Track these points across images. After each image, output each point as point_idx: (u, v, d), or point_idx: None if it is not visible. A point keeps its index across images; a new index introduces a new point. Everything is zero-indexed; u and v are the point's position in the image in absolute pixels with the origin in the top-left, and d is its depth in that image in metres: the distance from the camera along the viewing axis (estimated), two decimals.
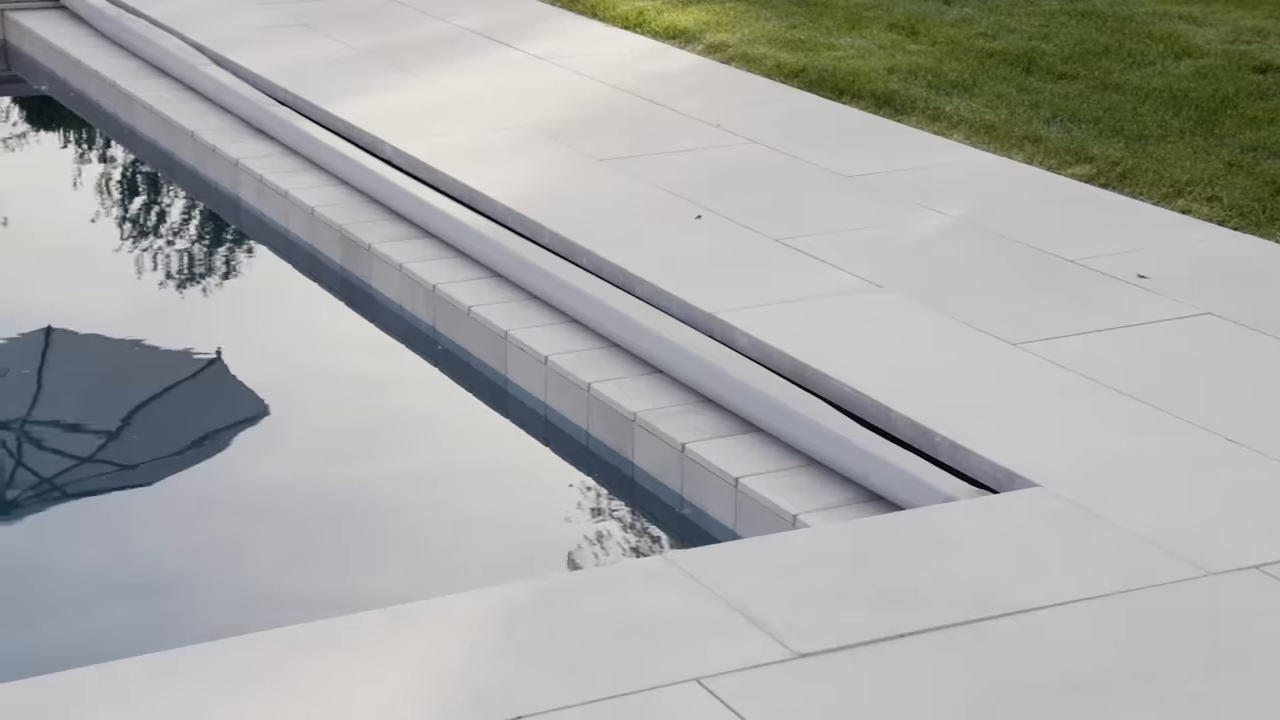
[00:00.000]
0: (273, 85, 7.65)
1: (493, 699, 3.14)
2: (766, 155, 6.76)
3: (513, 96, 7.56)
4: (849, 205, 6.16)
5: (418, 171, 6.55)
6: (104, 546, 4.67)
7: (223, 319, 6.38)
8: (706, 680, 3.20)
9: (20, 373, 5.73)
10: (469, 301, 5.52)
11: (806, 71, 8.02)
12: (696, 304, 5.15)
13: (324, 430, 5.37)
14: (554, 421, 5.10)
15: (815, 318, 5.07)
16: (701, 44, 8.66)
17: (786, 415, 4.53)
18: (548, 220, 5.88)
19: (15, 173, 8.14)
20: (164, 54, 8.24)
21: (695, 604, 3.48)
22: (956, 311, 5.11)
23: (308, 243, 6.51)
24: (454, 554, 4.61)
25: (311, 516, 4.80)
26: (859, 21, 9.13)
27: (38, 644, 4.11)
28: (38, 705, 3.07)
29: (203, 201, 7.47)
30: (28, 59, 9.30)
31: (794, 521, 4.21)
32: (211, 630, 4.10)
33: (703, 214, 6.00)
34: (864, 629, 3.40)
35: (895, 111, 7.47)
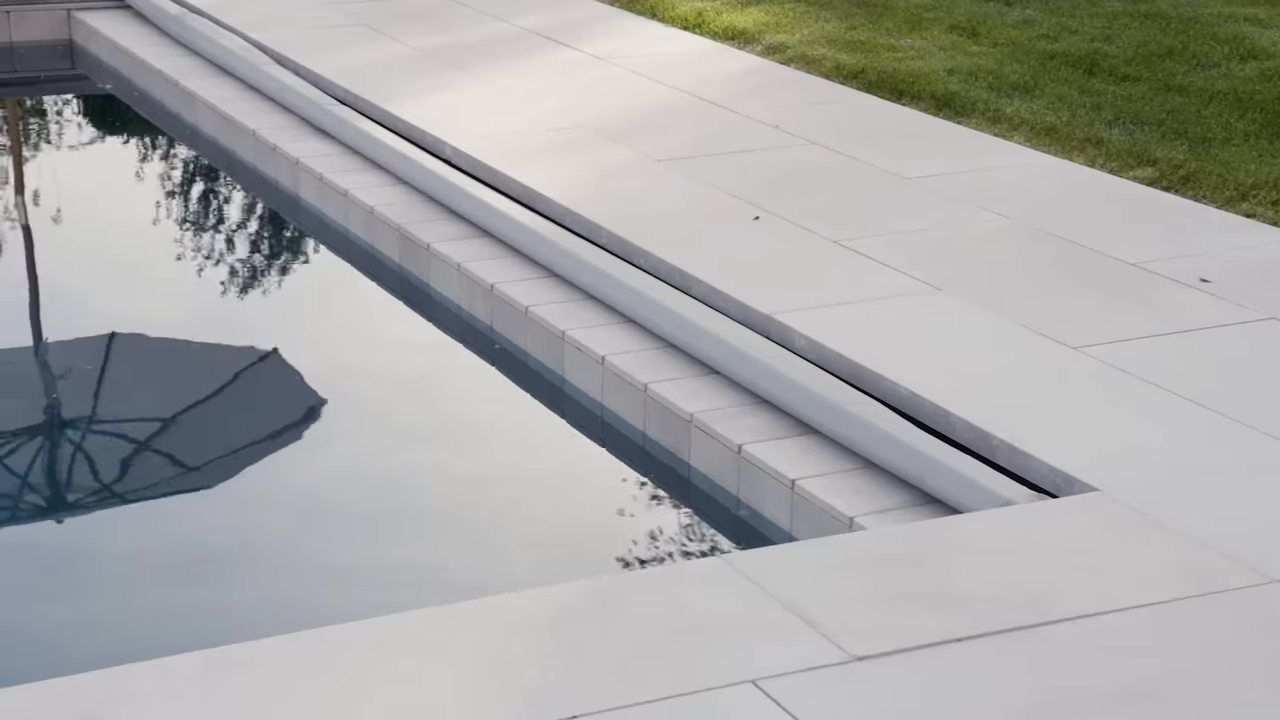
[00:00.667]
0: (333, 85, 7.70)
1: (546, 698, 3.14)
2: (825, 156, 6.74)
3: (571, 97, 7.58)
4: (908, 207, 6.13)
5: (476, 171, 6.57)
6: (161, 541, 4.71)
7: (282, 317, 6.43)
8: (762, 682, 3.19)
9: (84, 369, 5.79)
10: (527, 301, 5.53)
11: (866, 73, 7.99)
12: (754, 305, 5.14)
13: (381, 428, 5.40)
14: (610, 422, 5.10)
15: (873, 319, 5.05)
16: (761, 45, 8.65)
17: (843, 417, 4.51)
18: (605, 220, 5.88)
19: (80, 171, 8.23)
20: (226, 53, 8.31)
21: (751, 605, 3.48)
22: (1016, 314, 5.08)
23: (367, 242, 6.55)
24: (509, 553, 4.62)
25: (368, 515, 4.82)
26: (919, 23, 9.09)
27: (94, 638, 4.15)
28: (94, 700, 3.10)
29: (263, 200, 7.53)
30: (93, 58, 9.40)
31: (851, 524, 4.19)
32: (266, 625, 4.13)
33: (761, 215, 5.99)
34: (921, 632, 3.38)
35: (955, 113, 7.43)
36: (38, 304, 6.44)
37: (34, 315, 6.33)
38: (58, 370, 5.89)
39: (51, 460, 5.20)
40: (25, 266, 6.88)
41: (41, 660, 4.02)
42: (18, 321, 6.22)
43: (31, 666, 3.95)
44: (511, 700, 3.14)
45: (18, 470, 5.07)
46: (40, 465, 5.15)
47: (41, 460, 5.18)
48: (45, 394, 5.72)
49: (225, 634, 4.02)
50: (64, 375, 5.82)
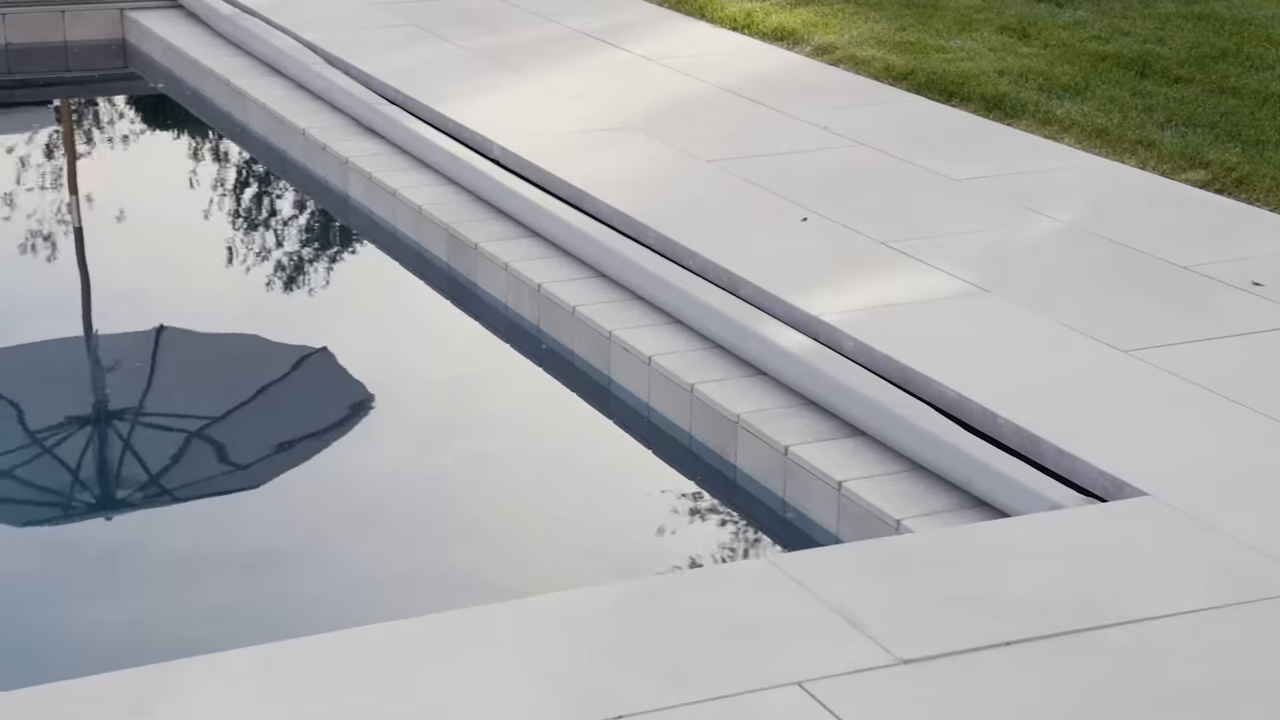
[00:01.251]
0: (383, 84, 7.73)
1: (593, 697, 3.14)
2: (874, 158, 6.72)
3: (620, 97, 7.58)
4: (957, 209, 6.10)
5: (525, 171, 6.58)
6: (211, 536, 4.74)
7: (330, 315, 6.46)
8: (808, 684, 3.18)
9: (133, 365, 5.83)
10: (574, 301, 5.53)
11: (915, 74, 7.96)
12: (801, 306, 5.13)
13: (427, 427, 5.41)
14: (656, 422, 5.10)
15: (921, 321, 5.03)
16: (810, 45, 8.63)
17: (891, 419, 4.49)
18: (653, 221, 5.88)
19: (131, 169, 8.30)
20: (277, 53, 8.36)
21: (798, 607, 3.47)
22: (1066, 317, 5.05)
23: (415, 241, 6.57)
24: (555, 553, 4.62)
25: (413, 513, 4.84)
26: (969, 24, 9.05)
27: (147, 632, 4.17)
28: (147, 695, 3.12)
29: (312, 199, 7.57)
30: (146, 57, 9.47)
31: (898, 526, 4.18)
32: (315, 622, 4.15)
33: (809, 216, 5.98)
34: (969, 636, 3.36)
35: (1005, 115, 7.39)
36: (89, 300, 6.49)
37: (85, 311, 6.39)
38: (107, 365, 5.94)
39: (100, 455, 5.24)
40: (77, 263, 6.94)
41: (92, 654, 4.05)
42: (69, 317, 6.28)
43: (82, 660, 3.99)
44: (559, 699, 3.14)
45: (67, 464, 5.12)
46: (89, 460, 5.19)
47: (90, 454, 5.23)
48: (94, 388, 5.76)
49: (273, 630, 4.05)
50: (113, 370, 5.87)
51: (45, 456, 5.14)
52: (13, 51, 9.35)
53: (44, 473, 5.04)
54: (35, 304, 6.43)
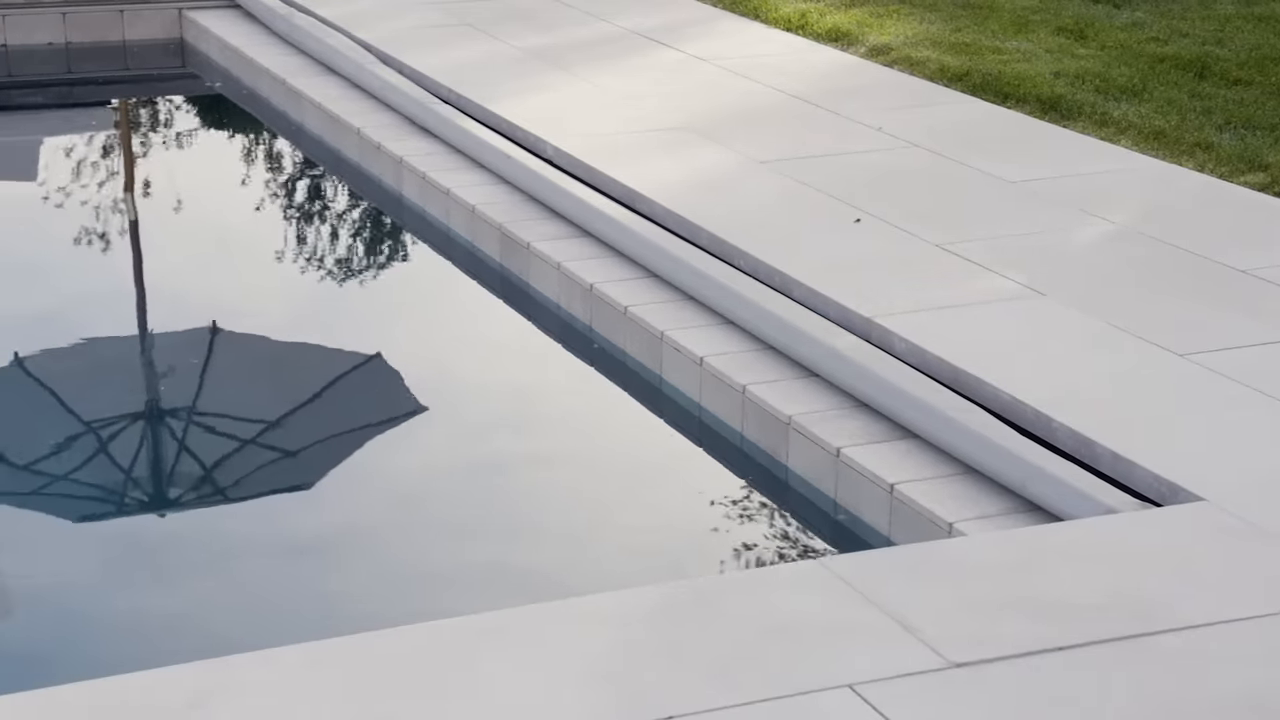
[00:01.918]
0: (436, 84, 7.76)
1: (643, 697, 3.14)
2: (928, 159, 6.69)
3: (673, 97, 7.58)
4: (1011, 211, 6.07)
5: (577, 171, 6.59)
6: (264, 533, 4.77)
7: (383, 314, 6.49)
8: (859, 687, 3.17)
9: (189, 362, 5.87)
10: (626, 301, 5.54)
11: (970, 75, 7.92)
12: (854, 308, 5.11)
13: (478, 426, 5.43)
14: (708, 423, 5.09)
15: (975, 324, 5.00)
16: (864, 46, 8.60)
17: (944, 422, 4.47)
18: (705, 221, 5.88)
19: (188, 168, 8.36)
20: (332, 52, 8.40)
21: (849, 609, 3.45)
22: (1120, 320, 5.01)
23: (468, 240, 6.59)
24: (605, 552, 4.63)
25: (465, 513, 4.85)
26: (1025, 25, 9.00)
27: (200, 627, 4.20)
28: (201, 690, 3.14)
29: (367, 198, 7.60)
30: (203, 57, 9.54)
31: (950, 529, 4.16)
32: (365, 619, 4.16)
33: (862, 217, 5.96)
34: (1021, 640, 3.34)
35: (1061, 116, 7.35)
36: (144, 298, 6.54)
37: (140, 308, 6.44)
38: (161, 362, 5.98)
39: (154, 451, 5.28)
40: (133, 261, 7.00)
41: (147, 648, 4.08)
42: (124, 314, 6.33)
43: (138, 654, 4.02)
44: (609, 699, 3.14)
45: (121, 460, 5.16)
46: (143, 456, 5.23)
47: (144, 451, 5.27)
48: (149, 386, 5.81)
49: (326, 627, 4.06)
50: (168, 368, 5.91)
51: (100, 453, 5.19)
52: (73, 50, 9.45)
53: (98, 469, 5.08)
54: (92, 300, 6.49)
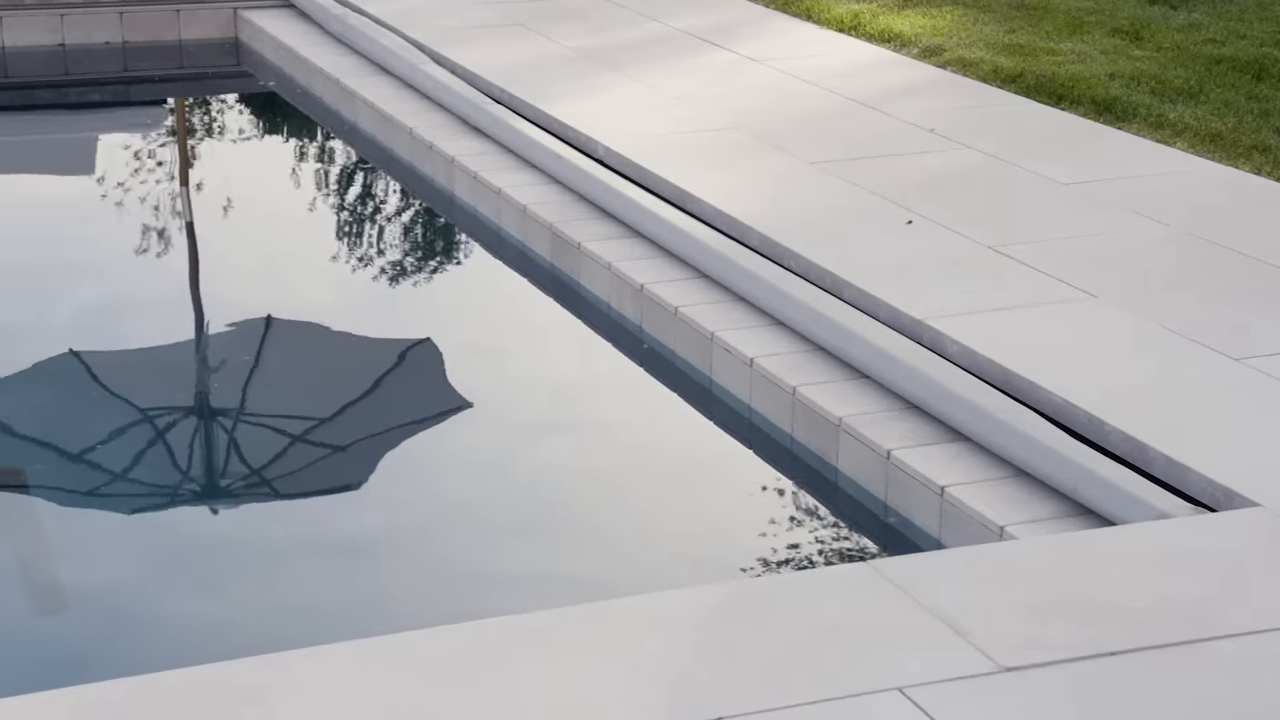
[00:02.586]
0: (489, 84, 7.78)
1: (694, 698, 3.14)
2: (980, 161, 6.66)
3: (724, 98, 7.57)
4: (1064, 213, 6.03)
5: (628, 171, 6.59)
6: (312, 529, 4.80)
7: (434, 313, 6.52)
8: (909, 690, 3.16)
9: (241, 359, 5.92)
10: (676, 302, 5.53)
11: (1024, 76, 7.88)
12: (905, 309, 5.09)
13: (527, 424, 5.44)
14: (757, 424, 5.09)
15: (1027, 326, 4.98)
16: (917, 48, 8.57)
17: (995, 424, 4.45)
18: (756, 222, 5.87)
19: (242, 166, 8.42)
20: (385, 52, 8.44)
21: (899, 612, 3.44)
22: (1175, 323, 4.97)
23: (519, 240, 6.60)
24: (655, 553, 4.63)
25: (513, 511, 4.86)
26: (1080, 26, 8.94)
27: (250, 623, 4.23)
28: (249, 685, 3.16)
29: (418, 197, 7.64)
30: (257, 56, 9.60)
31: (1001, 533, 4.14)
32: (414, 617, 4.18)
33: (914, 219, 5.94)
34: (1073, 645, 3.32)
35: (1116, 118, 7.30)
36: (199, 294, 6.60)
37: (196, 305, 6.49)
38: (214, 357, 6.03)
39: (206, 446, 5.32)
40: (188, 257, 7.05)
41: (198, 643, 4.11)
42: (178, 310, 6.38)
43: (189, 649, 4.05)
44: (660, 699, 3.14)
45: (174, 454, 5.20)
46: (196, 450, 5.27)
47: (196, 446, 5.31)
48: (201, 380, 5.85)
49: (375, 624, 4.08)
50: (220, 363, 5.96)
51: (154, 446, 5.23)
52: (129, 49, 9.53)
53: (151, 464, 5.13)
54: (147, 296, 6.54)
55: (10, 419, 5.32)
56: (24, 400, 5.46)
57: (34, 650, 4.11)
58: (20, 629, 4.21)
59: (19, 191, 7.93)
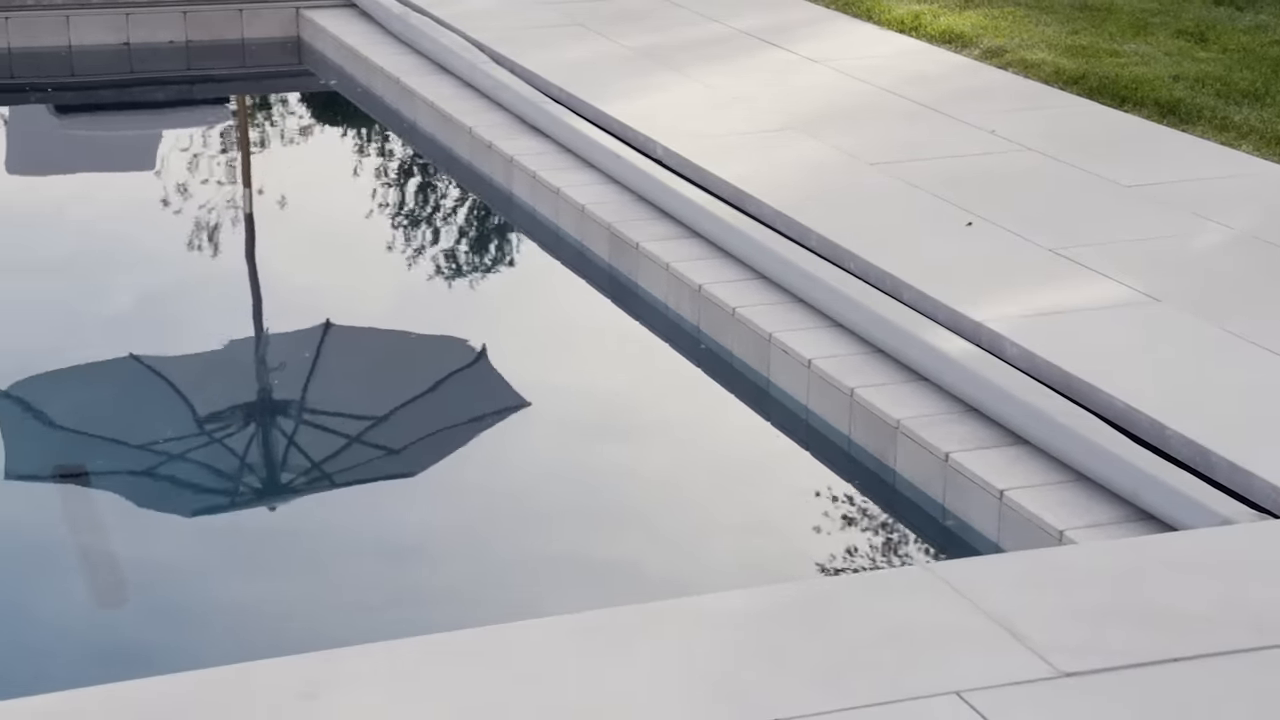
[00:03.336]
0: (548, 83, 7.79)
1: (748, 700, 3.13)
2: (1041, 162, 6.61)
3: (784, 98, 7.55)
4: (1126, 215, 5.98)
5: (686, 171, 6.59)
6: (370, 526, 4.82)
7: (492, 312, 6.53)
8: (966, 694, 3.14)
9: (302, 356, 5.95)
10: (734, 302, 5.53)
11: (1087, 78, 7.82)
12: (964, 311, 5.06)
13: (584, 424, 5.44)
14: (815, 425, 5.07)
15: (1087, 329, 4.94)
16: (978, 48, 8.52)
17: (1055, 428, 4.41)
18: (815, 223, 5.85)
19: (303, 164, 8.47)
20: (445, 51, 8.47)
21: (957, 616, 3.42)
22: (1238, 328, 4.91)
23: (577, 239, 6.61)
24: (710, 553, 4.62)
25: (571, 511, 4.87)
26: (1144, 27, 8.86)
27: (309, 619, 4.26)
28: (313, 680, 3.17)
29: (477, 196, 7.66)
30: (319, 55, 9.66)
31: (1060, 537, 4.10)
32: (474, 616, 4.20)
33: (974, 220, 5.90)
34: (1133, 651, 3.29)
35: (1180, 120, 7.23)
36: (259, 292, 6.64)
37: (255, 302, 6.54)
38: (274, 355, 6.07)
39: (265, 444, 5.36)
40: (247, 254, 7.10)
41: (256, 638, 4.14)
42: (239, 307, 6.43)
43: (247, 644, 4.08)
44: (715, 701, 3.13)
45: (235, 451, 5.24)
46: (255, 448, 5.31)
47: (256, 444, 5.35)
48: (260, 378, 5.89)
49: (433, 622, 4.10)
50: (280, 360, 6.00)
51: (214, 445, 5.27)
52: (193, 48, 9.61)
53: (210, 460, 5.17)
54: (208, 294, 6.59)
55: (73, 415, 5.37)
56: (87, 397, 5.52)
57: (97, 643, 4.15)
58: (83, 623, 4.25)
59: (83, 189, 8.01)
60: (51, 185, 8.15)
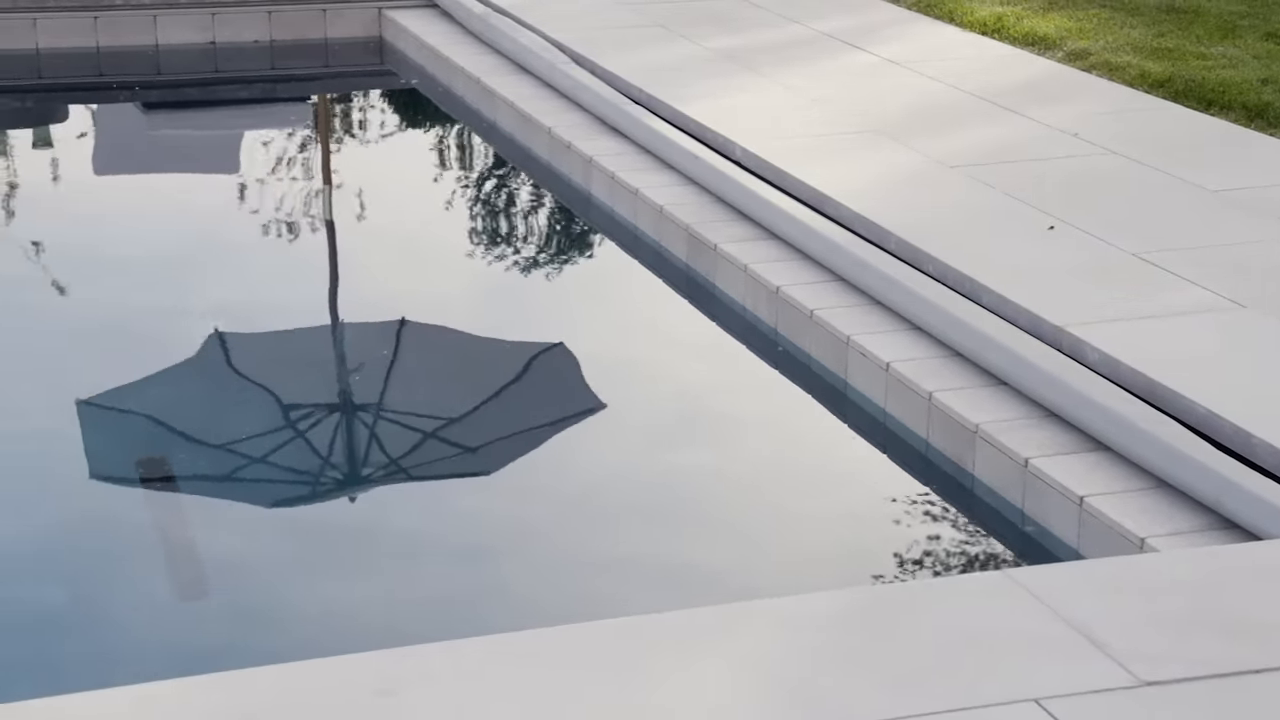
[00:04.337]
0: (627, 84, 7.80)
1: (824, 704, 3.12)
2: (1125, 166, 6.54)
3: (864, 100, 7.52)
4: (1212, 220, 5.90)
5: (765, 173, 6.57)
6: (447, 524, 4.84)
7: (569, 312, 6.55)
8: (1045, 701, 3.11)
9: (380, 354, 5.99)
10: (812, 304, 5.51)
11: (1173, 81, 7.73)
12: (1045, 316, 5.02)
13: (660, 425, 5.44)
14: (893, 429, 5.04)
15: (1171, 335, 4.88)
16: (1062, 51, 8.44)
17: (1137, 434, 4.36)
18: (894, 225, 5.82)
19: (383, 163, 8.53)
20: (526, 52, 8.50)
21: (1035, 622, 3.39)
22: None
23: (654, 240, 6.61)
24: (786, 556, 4.61)
25: (646, 512, 4.87)
26: (1232, 30, 8.74)
27: (383, 614, 4.28)
28: (396, 676, 3.19)
29: (555, 196, 7.68)
30: (401, 55, 9.73)
31: (1142, 545, 4.06)
32: (547, 615, 4.21)
33: (1055, 224, 5.85)
34: (1215, 661, 3.25)
35: (1268, 124, 7.12)
36: (337, 289, 6.70)
37: (332, 300, 6.59)
38: (353, 353, 6.12)
39: (347, 440, 5.40)
40: (328, 252, 7.16)
41: (335, 633, 4.17)
42: (319, 305, 6.48)
43: (326, 639, 4.12)
44: (788, 704, 3.12)
45: (314, 449, 5.28)
46: (336, 445, 5.35)
47: (338, 440, 5.39)
48: (339, 376, 5.94)
49: (505, 621, 4.11)
50: (358, 359, 6.04)
51: (295, 440, 5.32)
52: (277, 48, 9.71)
53: (291, 457, 5.21)
54: (288, 291, 6.65)
55: (156, 411, 5.44)
56: (169, 394, 5.58)
57: (176, 637, 4.19)
58: (164, 616, 4.30)
59: (168, 187, 8.11)
60: (137, 183, 8.26)
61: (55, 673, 3.95)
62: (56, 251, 7.01)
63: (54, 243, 7.10)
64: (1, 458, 5.17)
